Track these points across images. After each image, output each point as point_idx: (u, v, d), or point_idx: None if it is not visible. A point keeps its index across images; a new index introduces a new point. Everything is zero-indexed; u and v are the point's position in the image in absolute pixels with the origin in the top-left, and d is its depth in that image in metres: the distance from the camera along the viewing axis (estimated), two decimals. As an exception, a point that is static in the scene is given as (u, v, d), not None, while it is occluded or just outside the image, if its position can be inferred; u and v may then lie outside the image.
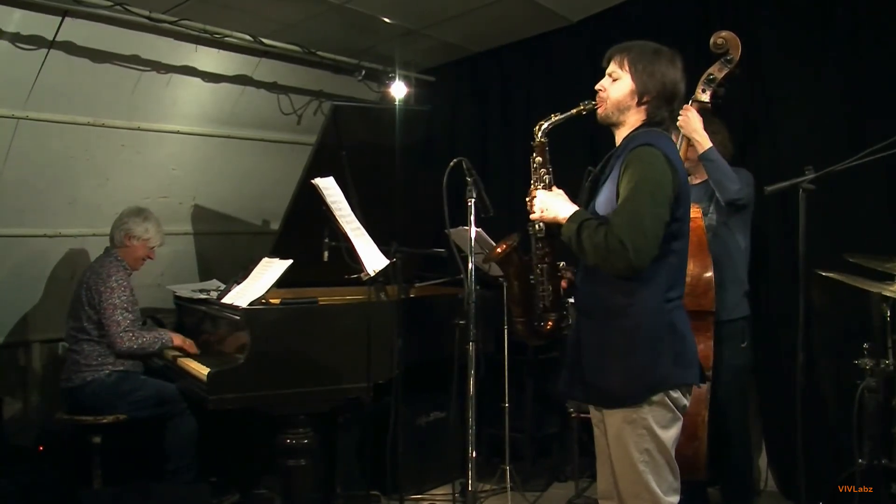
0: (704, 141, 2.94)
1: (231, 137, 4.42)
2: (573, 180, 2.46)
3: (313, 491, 3.19)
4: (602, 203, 2.06)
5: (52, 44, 3.39)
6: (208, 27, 3.74)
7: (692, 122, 2.93)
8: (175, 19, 3.60)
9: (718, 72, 2.92)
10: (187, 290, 3.88)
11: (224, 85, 4.20)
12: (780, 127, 3.48)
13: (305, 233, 3.22)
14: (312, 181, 3.06)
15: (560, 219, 2.05)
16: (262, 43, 4.02)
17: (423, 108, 4.63)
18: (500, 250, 2.26)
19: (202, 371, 3.01)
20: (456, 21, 4.11)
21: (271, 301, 3.12)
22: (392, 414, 3.04)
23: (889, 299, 2.62)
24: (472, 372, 2.73)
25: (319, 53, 4.31)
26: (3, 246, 3.80)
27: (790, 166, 2.94)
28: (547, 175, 2.19)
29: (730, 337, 3.06)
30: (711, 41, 2.91)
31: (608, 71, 2.10)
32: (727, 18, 3.50)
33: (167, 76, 3.91)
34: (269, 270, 3.19)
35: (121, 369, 3.46)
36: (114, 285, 3.44)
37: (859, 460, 2.63)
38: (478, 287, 2.82)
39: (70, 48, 3.46)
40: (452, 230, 3.02)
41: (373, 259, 3.00)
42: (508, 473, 3.53)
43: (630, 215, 1.89)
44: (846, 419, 2.77)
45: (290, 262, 3.13)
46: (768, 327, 3.45)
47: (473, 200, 2.83)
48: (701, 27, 3.58)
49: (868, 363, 2.63)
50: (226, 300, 3.24)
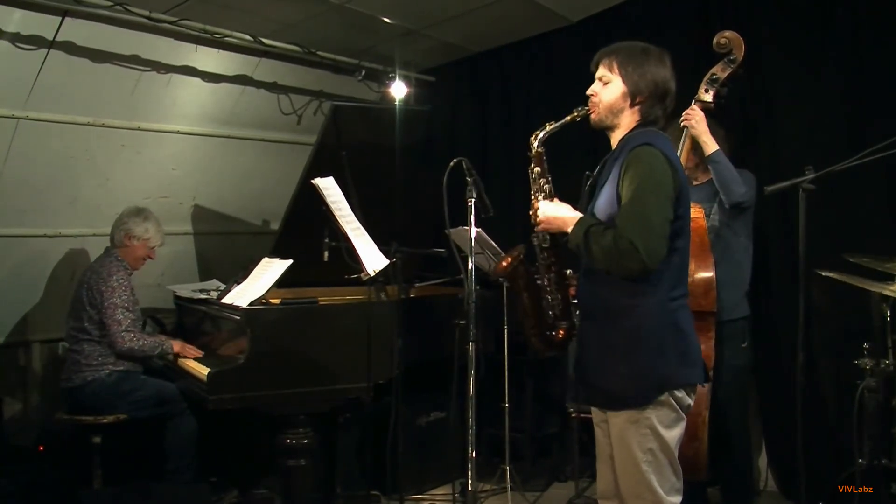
0: (711, 142, 2.92)
1: (231, 137, 4.42)
2: (573, 187, 2.46)
3: (313, 491, 3.19)
4: (602, 206, 2.05)
5: (52, 44, 3.39)
6: (208, 27, 3.74)
7: (702, 124, 2.90)
8: (175, 19, 3.60)
9: (722, 72, 2.89)
10: (187, 290, 3.88)
11: (224, 85, 4.20)
12: (780, 127, 3.47)
13: (305, 233, 3.22)
14: (312, 181, 3.06)
15: (566, 227, 2.05)
16: (262, 43, 4.02)
17: (423, 109, 4.63)
18: (507, 264, 2.23)
19: (202, 371, 3.02)
20: (456, 21, 4.11)
21: (271, 301, 3.13)
22: (392, 414, 3.04)
23: (889, 299, 2.62)
24: (472, 372, 2.72)
25: (319, 53, 4.31)
26: (3, 246, 3.80)
27: (790, 166, 2.95)
28: (547, 185, 2.19)
29: (730, 337, 3.05)
30: (714, 41, 2.88)
31: (598, 75, 2.09)
32: (727, 18, 3.49)
33: (167, 76, 3.91)
34: (269, 270, 3.20)
35: (121, 369, 3.46)
36: (115, 285, 3.44)
37: (859, 460, 2.63)
38: (478, 287, 2.82)
39: (70, 48, 3.46)
40: (452, 230, 3.02)
41: (373, 259, 3.00)
42: (508, 473, 3.53)
43: (637, 216, 1.88)
44: (846, 419, 2.78)
45: (290, 262, 3.14)
46: (768, 327, 3.45)
47: (473, 200, 2.82)
48: (701, 27, 3.58)
49: (868, 363, 2.64)
50: (226, 300, 3.25)
